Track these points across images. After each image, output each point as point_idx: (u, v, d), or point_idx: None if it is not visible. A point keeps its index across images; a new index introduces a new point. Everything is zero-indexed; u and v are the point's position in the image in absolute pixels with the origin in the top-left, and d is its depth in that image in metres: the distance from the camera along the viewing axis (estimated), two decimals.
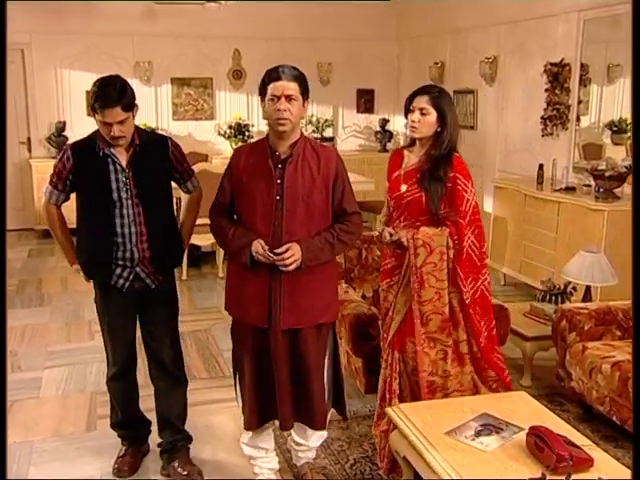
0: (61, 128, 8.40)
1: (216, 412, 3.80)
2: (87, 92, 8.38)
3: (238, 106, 9.19)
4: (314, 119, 9.34)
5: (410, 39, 9.28)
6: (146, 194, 2.94)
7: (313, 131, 9.29)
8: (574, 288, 4.34)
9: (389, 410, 2.86)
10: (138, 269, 2.99)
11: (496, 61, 7.30)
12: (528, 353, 4.18)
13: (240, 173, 2.80)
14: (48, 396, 4.08)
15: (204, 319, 5.26)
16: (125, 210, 2.91)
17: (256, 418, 2.91)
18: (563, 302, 4.26)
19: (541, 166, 6.15)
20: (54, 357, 4.66)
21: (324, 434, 3.09)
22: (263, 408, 2.89)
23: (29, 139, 8.63)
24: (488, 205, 7.16)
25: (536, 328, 4.22)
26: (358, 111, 9.78)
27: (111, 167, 2.90)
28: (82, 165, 2.93)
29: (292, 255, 2.67)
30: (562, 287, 4.36)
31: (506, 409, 2.77)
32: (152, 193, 2.97)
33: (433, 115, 2.99)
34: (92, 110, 2.81)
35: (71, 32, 8.42)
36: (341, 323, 3.89)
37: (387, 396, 3.15)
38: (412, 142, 3.16)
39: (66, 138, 8.31)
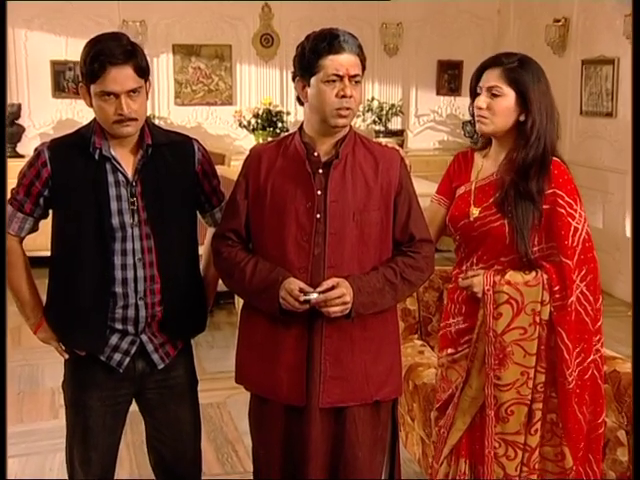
0: (14, 114, 8.51)
1: None
2: (53, 63, 8.63)
3: (267, 86, 9.32)
4: (374, 104, 9.37)
5: None
6: (161, 220, 2.82)
7: (374, 121, 9.33)
8: None
9: None
10: (144, 337, 2.86)
11: None
12: None
13: (261, 182, 2.78)
14: None
15: (217, 388, 5.20)
16: (130, 243, 2.79)
17: None
18: None
19: None
20: None
21: None
22: None
23: None
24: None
25: None
26: (439, 93, 9.82)
27: (110, 177, 2.77)
28: (66, 173, 2.78)
29: (341, 295, 2.63)
30: None
31: None
32: (170, 219, 2.85)
33: (510, 97, 2.90)
34: (86, 81, 2.70)
35: None
36: (413, 398, 3.86)
37: None
38: (487, 141, 3.08)
39: (22, 128, 8.48)
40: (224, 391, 5.22)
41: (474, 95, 2.98)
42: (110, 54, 2.63)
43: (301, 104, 2.81)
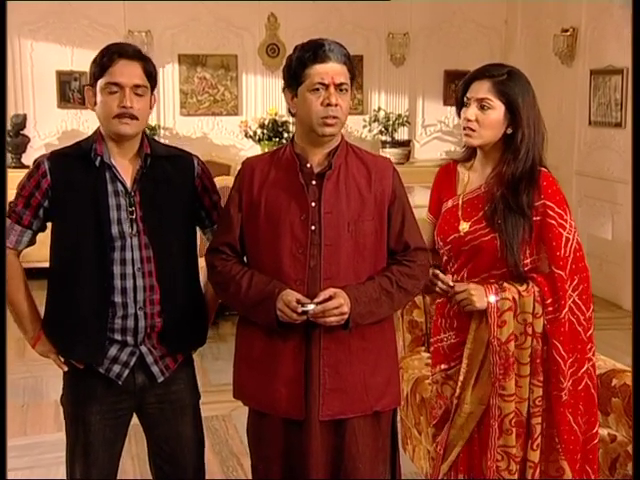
0: (20, 125, 8.54)
1: None
2: (59, 73, 8.65)
3: (273, 96, 9.30)
4: (381, 114, 9.39)
5: None
6: (160, 230, 2.84)
7: (381, 131, 9.35)
8: None
9: None
10: (144, 349, 2.86)
11: None
12: None
13: (255, 195, 2.79)
14: None
15: (222, 401, 5.13)
16: (129, 253, 2.80)
17: None
18: None
19: None
20: None
21: None
22: None
23: None
24: None
25: None
26: (446, 103, 9.79)
27: (109, 187, 2.79)
28: (65, 184, 2.80)
29: (339, 306, 2.63)
30: None
31: None
32: (168, 229, 2.87)
33: (499, 109, 2.90)
34: (94, 79, 2.76)
35: None
36: (420, 411, 3.86)
37: None
38: (470, 153, 3.08)
39: (27, 138, 8.50)
40: (229, 403, 5.13)
41: (460, 106, 2.98)
42: (121, 49, 2.74)
43: (292, 115, 2.83)
